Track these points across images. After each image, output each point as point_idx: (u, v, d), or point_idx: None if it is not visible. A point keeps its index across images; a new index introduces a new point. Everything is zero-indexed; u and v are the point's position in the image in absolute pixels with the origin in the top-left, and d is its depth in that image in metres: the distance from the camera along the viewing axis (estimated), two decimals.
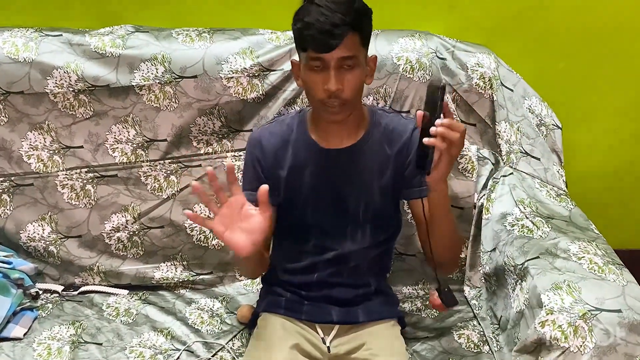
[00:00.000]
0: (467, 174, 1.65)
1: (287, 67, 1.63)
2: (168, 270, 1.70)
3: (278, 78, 1.63)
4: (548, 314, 1.19)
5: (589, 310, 1.16)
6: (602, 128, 1.93)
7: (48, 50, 1.61)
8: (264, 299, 1.45)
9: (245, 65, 1.62)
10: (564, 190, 1.63)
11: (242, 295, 1.68)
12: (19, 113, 1.63)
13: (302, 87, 1.31)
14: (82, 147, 1.65)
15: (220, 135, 1.67)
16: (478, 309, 1.59)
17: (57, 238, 1.68)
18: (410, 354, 1.43)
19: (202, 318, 1.59)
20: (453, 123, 1.11)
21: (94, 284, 1.69)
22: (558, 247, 1.36)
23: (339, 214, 1.36)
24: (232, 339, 1.52)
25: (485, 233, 1.58)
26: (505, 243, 1.47)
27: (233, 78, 1.62)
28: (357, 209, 1.36)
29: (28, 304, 1.59)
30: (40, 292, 1.64)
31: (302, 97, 1.64)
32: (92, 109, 1.64)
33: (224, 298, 1.67)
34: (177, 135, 1.65)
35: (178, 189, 1.68)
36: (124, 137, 1.65)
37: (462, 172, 1.65)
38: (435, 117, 1.12)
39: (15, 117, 1.63)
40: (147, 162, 1.66)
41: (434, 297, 1.30)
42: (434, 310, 1.62)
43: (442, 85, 1.11)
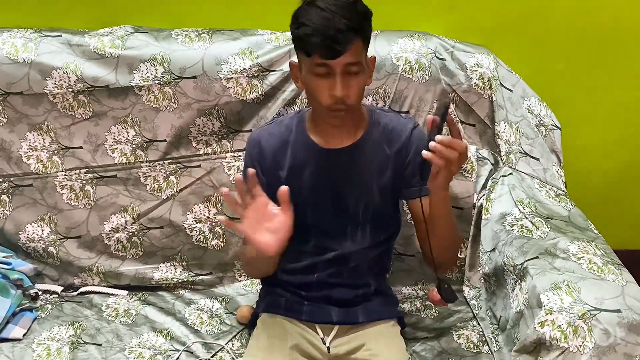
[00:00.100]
0: (466, 174, 1.65)
1: (286, 67, 1.63)
2: (167, 271, 1.70)
3: (277, 78, 1.63)
4: (547, 314, 1.19)
5: (589, 310, 1.16)
6: (601, 128, 1.93)
7: (47, 51, 1.61)
8: (264, 300, 1.45)
9: (245, 66, 1.62)
10: (563, 191, 1.63)
11: (241, 296, 1.68)
12: (18, 114, 1.63)
13: (301, 89, 1.31)
14: (81, 147, 1.65)
15: (220, 136, 1.67)
16: (477, 309, 1.59)
17: (56, 239, 1.68)
18: (410, 354, 1.43)
19: (201, 318, 1.59)
20: (453, 142, 1.11)
21: (94, 285, 1.69)
22: (557, 247, 1.36)
23: (339, 214, 1.36)
24: (231, 340, 1.52)
25: (485, 233, 1.58)
26: (505, 243, 1.47)
27: (232, 78, 1.62)
28: (356, 209, 1.36)
29: (27, 305, 1.58)
30: (40, 292, 1.64)
31: (301, 97, 1.64)
32: (91, 110, 1.63)
33: (224, 298, 1.67)
34: (176, 136, 1.65)
35: (177, 190, 1.68)
36: (124, 137, 1.65)
37: (461, 172, 1.65)
38: (437, 132, 1.13)
39: (15, 117, 1.63)
40: (146, 162, 1.66)
41: (434, 292, 1.30)
42: (434, 311, 1.62)
43: (445, 102, 1.11)
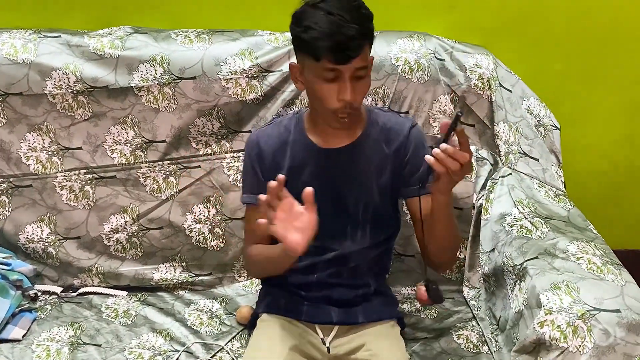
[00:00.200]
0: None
1: (285, 68, 1.63)
2: (167, 272, 1.70)
3: (277, 79, 1.63)
4: (547, 314, 1.19)
5: (588, 310, 1.17)
6: (600, 128, 1.93)
7: (47, 52, 1.61)
8: (264, 300, 1.45)
9: (244, 67, 1.62)
10: (563, 191, 1.63)
11: (241, 296, 1.68)
12: (18, 114, 1.63)
13: (302, 90, 1.31)
14: (80, 148, 1.65)
15: (219, 136, 1.67)
16: (477, 310, 1.59)
17: (55, 239, 1.68)
18: (410, 355, 1.43)
19: (201, 319, 1.59)
20: (456, 152, 1.12)
21: (93, 286, 1.69)
22: (557, 247, 1.36)
23: (339, 214, 1.36)
24: (231, 340, 1.52)
25: (484, 233, 1.58)
26: (504, 243, 1.47)
27: (232, 79, 1.62)
28: (356, 209, 1.36)
29: (27, 306, 1.58)
30: (39, 293, 1.64)
31: (300, 98, 1.64)
32: (90, 110, 1.63)
33: (223, 299, 1.67)
34: (176, 137, 1.65)
35: (177, 190, 1.67)
36: (123, 138, 1.65)
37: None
38: (443, 140, 1.13)
39: (14, 118, 1.63)
40: (146, 163, 1.66)
41: (421, 291, 1.30)
42: (434, 311, 1.63)
43: (458, 113, 1.11)
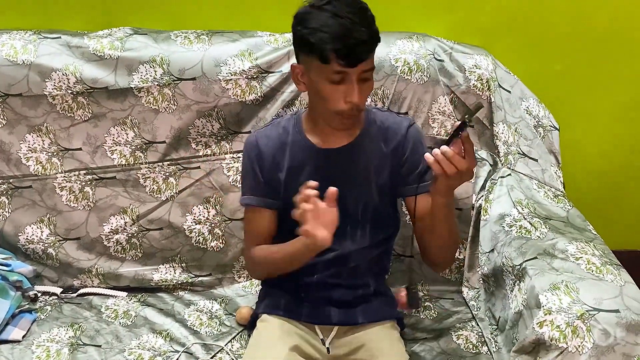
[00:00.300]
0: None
1: (285, 69, 1.63)
2: (167, 272, 1.70)
3: (276, 80, 1.64)
4: (546, 315, 1.20)
5: (587, 311, 1.17)
6: (599, 129, 1.94)
7: (47, 53, 1.61)
8: (263, 301, 1.45)
9: (244, 67, 1.62)
10: (562, 191, 1.63)
11: (241, 297, 1.68)
12: (18, 115, 1.63)
13: (303, 91, 1.31)
14: (80, 149, 1.65)
15: (219, 137, 1.67)
16: (476, 310, 1.59)
17: (55, 240, 1.68)
18: (409, 355, 1.43)
19: (201, 320, 1.59)
20: (454, 157, 1.12)
21: (93, 286, 1.69)
22: (556, 247, 1.36)
23: (339, 214, 1.36)
24: (231, 341, 1.52)
25: (484, 234, 1.58)
26: (504, 244, 1.47)
27: (231, 80, 1.62)
28: (356, 208, 1.37)
29: (27, 307, 1.58)
30: (39, 294, 1.64)
31: (300, 98, 1.64)
32: (90, 111, 1.64)
33: (223, 300, 1.67)
34: (175, 137, 1.65)
35: (177, 191, 1.68)
36: (123, 139, 1.65)
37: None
38: (446, 142, 1.14)
39: (14, 119, 1.63)
40: (145, 164, 1.66)
41: (401, 294, 1.30)
42: (433, 312, 1.63)
43: (464, 121, 1.11)
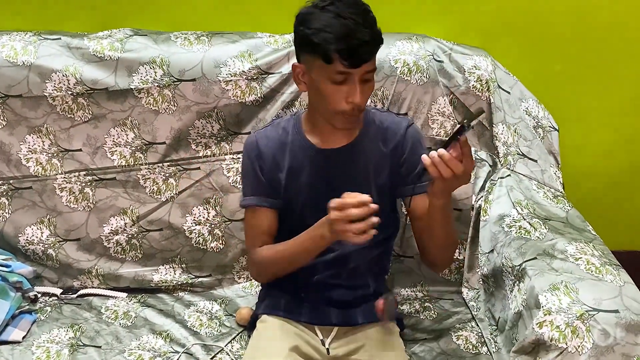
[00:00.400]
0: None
1: (285, 70, 1.63)
2: (167, 273, 1.70)
3: (276, 81, 1.64)
4: (546, 315, 1.20)
5: (587, 311, 1.17)
6: (598, 130, 1.94)
7: (47, 54, 1.61)
8: (263, 301, 1.45)
9: (244, 69, 1.63)
10: (561, 192, 1.63)
11: (240, 298, 1.68)
12: (18, 116, 1.63)
13: (304, 91, 1.31)
14: (80, 150, 1.66)
15: (219, 138, 1.67)
16: (476, 311, 1.59)
17: (55, 241, 1.68)
18: (409, 356, 1.43)
19: (201, 320, 1.59)
20: (451, 161, 1.12)
21: (93, 287, 1.69)
22: (555, 248, 1.37)
23: None
24: (231, 341, 1.52)
25: (483, 235, 1.59)
26: (503, 244, 1.48)
27: (231, 81, 1.63)
28: None
29: (27, 307, 1.58)
30: (39, 295, 1.64)
31: (300, 99, 1.64)
32: (90, 112, 1.64)
33: (223, 300, 1.67)
34: (175, 138, 1.65)
35: (177, 192, 1.68)
36: (123, 140, 1.65)
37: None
38: (443, 145, 1.14)
39: (14, 120, 1.63)
40: (145, 165, 1.66)
41: (380, 303, 1.29)
42: (433, 312, 1.63)
43: (462, 124, 1.12)
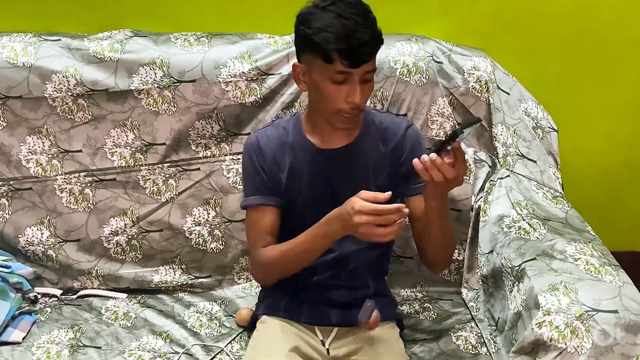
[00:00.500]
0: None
1: (284, 71, 1.64)
2: (167, 274, 1.71)
3: (276, 82, 1.64)
4: (545, 315, 1.20)
5: (586, 311, 1.17)
6: (597, 130, 1.94)
7: (47, 55, 1.61)
8: (263, 302, 1.45)
9: (244, 70, 1.63)
10: (560, 192, 1.64)
11: (240, 298, 1.69)
12: (18, 117, 1.63)
13: (304, 90, 1.31)
14: (80, 151, 1.66)
15: (219, 139, 1.67)
16: (476, 311, 1.60)
17: (55, 242, 1.68)
18: (409, 356, 1.44)
19: (201, 321, 1.59)
20: (443, 166, 1.13)
21: (93, 288, 1.69)
22: (555, 248, 1.37)
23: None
24: (231, 342, 1.52)
25: (483, 235, 1.59)
26: (503, 245, 1.48)
27: (231, 82, 1.63)
28: None
29: (27, 308, 1.59)
30: (39, 296, 1.64)
31: (300, 100, 1.65)
32: (90, 113, 1.64)
33: (223, 301, 1.67)
34: (175, 139, 1.66)
35: (177, 193, 1.68)
36: (123, 141, 1.65)
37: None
38: (435, 150, 1.14)
39: (14, 121, 1.63)
40: (145, 165, 1.67)
41: (366, 306, 1.27)
42: (432, 313, 1.63)
43: (454, 131, 1.12)
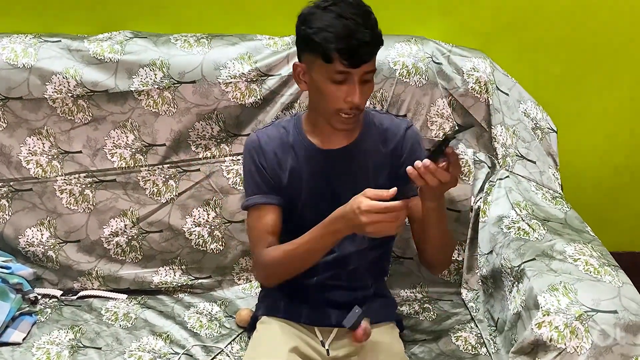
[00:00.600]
0: (463, 177, 1.66)
1: (284, 72, 1.64)
2: (167, 275, 1.71)
3: (276, 83, 1.64)
4: (545, 315, 1.20)
5: (585, 312, 1.17)
6: (596, 131, 1.94)
7: (47, 56, 1.62)
8: (263, 303, 1.45)
9: (244, 71, 1.63)
10: (560, 193, 1.64)
11: (240, 299, 1.69)
12: (18, 118, 1.63)
13: (305, 90, 1.32)
14: (80, 152, 1.66)
15: (219, 140, 1.67)
16: (475, 312, 1.60)
17: (55, 243, 1.68)
18: (409, 357, 1.44)
19: (201, 322, 1.60)
20: (437, 171, 1.13)
21: (93, 289, 1.69)
22: (554, 249, 1.37)
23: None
24: (231, 343, 1.52)
25: (482, 236, 1.59)
26: (502, 245, 1.48)
27: (231, 83, 1.63)
28: None
29: (27, 309, 1.59)
30: (39, 297, 1.64)
31: (299, 101, 1.65)
32: (90, 114, 1.64)
33: (223, 302, 1.68)
34: (175, 140, 1.66)
35: (177, 194, 1.68)
36: (123, 142, 1.66)
37: (460, 176, 1.66)
38: (429, 155, 1.14)
39: (14, 122, 1.63)
40: (145, 166, 1.67)
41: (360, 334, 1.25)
42: (432, 313, 1.64)
43: (449, 135, 1.12)
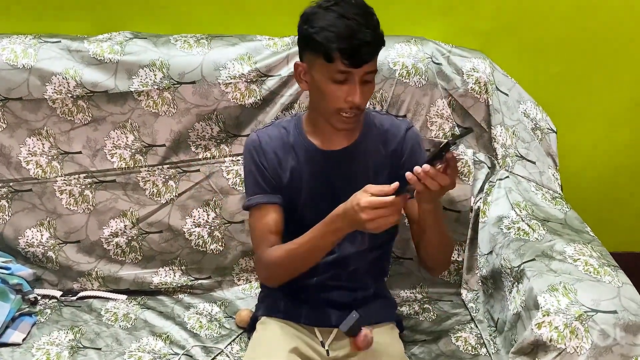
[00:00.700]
0: (463, 178, 1.66)
1: (284, 72, 1.64)
2: (166, 275, 1.71)
3: (276, 83, 1.64)
4: (544, 316, 1.20)
5: (585, 312, 1.17)
6: (596, 131, 1.95)
7: (47, 57, 1.62)
8: (263, 303, 1.45)
9: (243, 71, 1.63)
10: (559, 193, 1.64)
11: (240, 300, 1.69)
12: (18, 119, 1.63)
13: (305, 89, 1.32)
14: (80, 152, 1.66)
15: (219, 140, 1.67)
16: (475, 312, 1.60)
17: (55, 243, 1.68)
18: (409, 357, 1.44)
19: (200, 322, 1.60)
20: (437, 175, 1.13)
21: (93, 289, 1.69)
22: (554, 249, 1.37)
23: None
24: (230, 343, 1.52)
25: (482, 236, 1.59)
26: (502, 246, 1.48)
27: (231, 84, 1.63)
28: None
29: (27, 310, 1.59)
30: (39, 297, 1.64)
31: (299, 102, 1.65)
32: (90, 115, 1.64)
33: (223, 302, 1.68)
34: (175, 141, 1.66)
35: (176, 194, 1.68)
36: (123, 142, 1.66)
37: (458, 175, 1.66)
38: (428, 160, 1.13)
39: (14, 123, 1.63)
40: (145, 167, 1.67)
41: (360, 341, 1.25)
42: (432, 314, 1.64)
43: (447, 142, 1.12)
